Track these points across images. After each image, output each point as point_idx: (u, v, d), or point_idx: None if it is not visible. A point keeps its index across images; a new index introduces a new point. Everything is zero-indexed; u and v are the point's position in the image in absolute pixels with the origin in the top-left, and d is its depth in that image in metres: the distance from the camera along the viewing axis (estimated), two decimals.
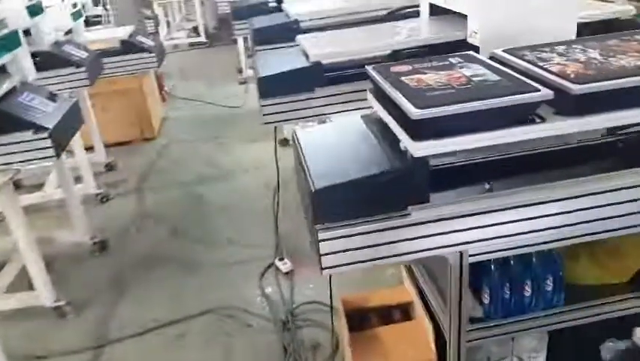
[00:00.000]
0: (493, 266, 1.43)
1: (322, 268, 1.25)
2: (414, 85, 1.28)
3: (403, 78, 1.33)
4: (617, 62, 1.30)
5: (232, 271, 2.76)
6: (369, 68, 1.46)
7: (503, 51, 1.49)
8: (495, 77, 1.27)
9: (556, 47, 1.47)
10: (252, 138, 4.13)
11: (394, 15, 2.61)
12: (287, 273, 2.68)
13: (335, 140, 1.49)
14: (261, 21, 2.95)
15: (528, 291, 1.45)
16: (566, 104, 1.19)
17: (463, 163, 1.53)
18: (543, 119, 1.20)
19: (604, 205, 1.30)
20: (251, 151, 4.00)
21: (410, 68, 1.41)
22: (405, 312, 1.99)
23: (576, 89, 1.18)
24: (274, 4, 3.38)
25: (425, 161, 1.19)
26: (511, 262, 1.44)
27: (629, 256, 1.57)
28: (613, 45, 1.45)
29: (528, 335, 1.59)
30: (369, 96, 1.46)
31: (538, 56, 1.41)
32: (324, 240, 1.22)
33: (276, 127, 2.39)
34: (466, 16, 1.91)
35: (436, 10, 2.22)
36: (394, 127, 1.25)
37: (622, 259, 1.57)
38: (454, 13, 2.03)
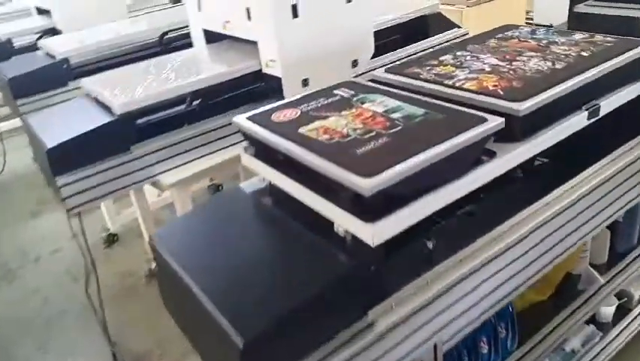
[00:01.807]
0: None
1: None
2: (326, 139, 0.91)
3: (303, 131, 0.95)
4: (528, 67, 1.12)
5: None
6: (239, 121, 1.04)
7: (387, 71, 1.21)
8: (419, 110, 0.97)
9: (442, 58, 1.25)
10: (31, 211, 3.19)
11: (167, 40, 2.33)
12: None
13: (223, 241, 1.02)
14: (15, 66, 2.22)
15: (485, 347, 1.21)
16: (512, 128, 0.95)
17: None
18: (493, 154, 0.94)
19: (553, 232, 1.11)
20: (35, 230, 3.06)
21: (298, 113, 1.04)
22: None
23: (522, 108, 0.95)
24: (24, 42, 2.63)
25: (384, 248, 0.83)
26: None
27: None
28: (498, 47, 1.28)
29: None
30: (250, 160, 1.04)
31: (434, 72, 1.16)
32: None
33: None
34: (253, 42, 1.68)
35: (210, 37, 1.99)
36: (324, 208, 0.86)
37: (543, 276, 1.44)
38: (235, 39, 1.81)
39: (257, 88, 1.75)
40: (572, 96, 1.04)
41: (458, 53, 1.26)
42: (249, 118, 1.04)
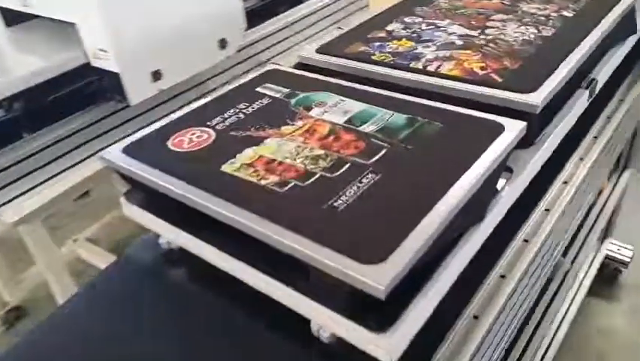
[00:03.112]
0: None
1: None
2: (273, 184, 0.56)
3: (228, 169, 0.59)
4: (508, 36, 0.84)
5: None
6: (112, 158, 0.65)
7: (320, 52, 0.87)
8: (399, 118, 0.66)
9: (389, 28, 0.93)
10: None
11: None
12: None
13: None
14: None
15: None
16: (526, 130, 0.67)
17: None
18: (509, 172, 0.66)
19: None
20: None
21: (212, 135, 0.67)
22: None
23: (538, 101, 0.67)
24: None
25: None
26: None
27: None
28: (453, 8, 0.98)
29: None
30: (141, 214, 0.66)
31: (389, 50, 0.85)
32: None
33: None
34: (70, 24, 1.17)
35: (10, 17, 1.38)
36: (292, 300, 0.53)
37: None
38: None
39: (87, 88, 1.21)
40: (577, 74, 0.78)
41: (407, 20, 0.95)
42: (127, 151, 0.66)
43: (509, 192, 0.63)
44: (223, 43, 1.26)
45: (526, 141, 0.67)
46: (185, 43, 1.17)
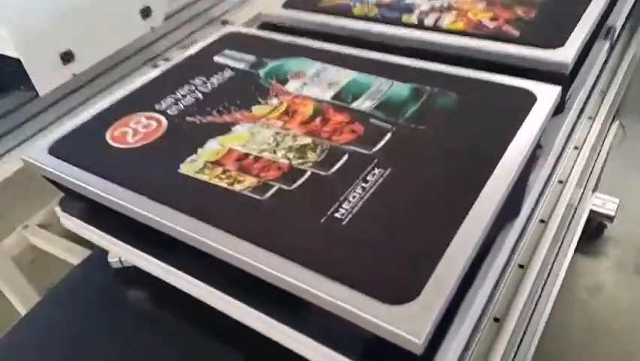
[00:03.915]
0: None
1: None
2: (248, 190, 0.42)
3: (187, 171, 0.45)
4: None
5: None
6: (34, 160, 0.49)
7: (287, 7, 0.72)
8: (402, 88, 0.52)
9: None
10: None
11: None
12: None
13: None
14: None
15: None
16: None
17: None
18: (538, 150, 0.54)
19: None
20: None
21: (163, 122, 0.52)
22: None
23: (568, 58, 0.54)
24: None
25: None
26: None
27: None
28: None
29: None
30: (81, 227, 0.52)
31: (379, 1, 0.70)
32: None
33: None
34: None
35: None
36: (294, 344, 0.40)
37: None
38: None
39: None
40: (599, 22, 0.66)
41: None
42: (54, 150, 0.50)
43: (542, 172, 0.51)
44: (146, 12, 0.98)
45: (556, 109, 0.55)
46: (99, 18, 0.91)
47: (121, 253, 0.52)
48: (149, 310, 0.54)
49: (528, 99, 0.48)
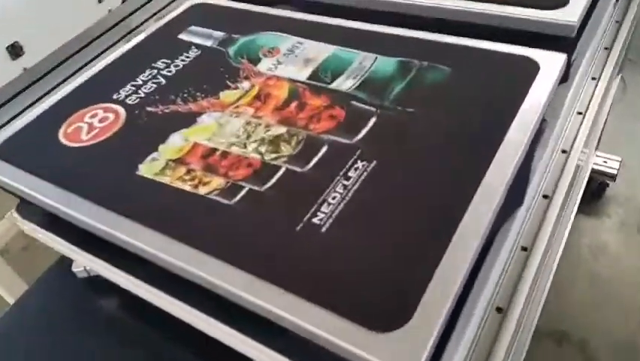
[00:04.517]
0: None
1: None
2: (218, 191, 0.37)
3: (146, 172, 0.39)
4: None
5: None
6: None
7: None
8: (387, 62, 0.46)
9: None
10: None
11: None
12: None
13: None
14: None
15: None
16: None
17: None
18: (543, 125, 0.49)
19: None
20: None
21: (121, 113, 0.46)
22: None
23: (574, 18, 0.48)
24: None
25: None
26: None
27: None
28: None
29: None
30: (44, 235, 0.47)
31: None
32: None
33: None
34: None
35: None
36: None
37: None
38: None
39: None
40: None
41: None
42: (2, 152, 0.45)
43: (547, 154, 0.46)
44: None
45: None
46: (47, 3, 0.78)
47: (85, 262, 0.47)
48: (129, 305, 0.50)
49: (530, 70, 0.43)
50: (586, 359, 1.26)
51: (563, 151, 0.63)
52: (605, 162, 1.57)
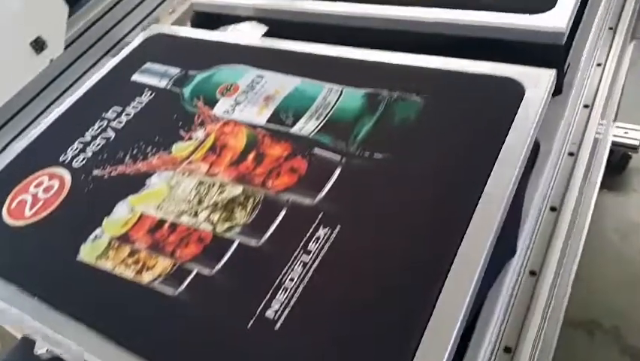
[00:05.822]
0: None
1: None
2: (164, 277, 0.33)
3: (87, 258, 0.35)
4: None
5: None
6: None
7: None
8: (354, 95, 0.41)
9: None
10: None
11: None
12: None
13: None
14: None
15: None
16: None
17: None
18: (536, 149, 0.43)
19: None
20: None
21: (65, 178, 0.42)
22: None
23: (560, 23, 0.42)
24: None
25: None
26: None
27: None
28: None
29: None
30: None
31: None
32: None
33: None
34: None
35: None
36: None
37: None
38: None
39: None
40: None
41: None
42: None
43: (542, 185, 0.40)
44: (40, 45, 0.65)
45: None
46: None
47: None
48: None
49: (513, 93, 0.37)
50: (622, 349, 1.19)
51: (585, 106, 0.56)
52: (626, 132, 1.48)
